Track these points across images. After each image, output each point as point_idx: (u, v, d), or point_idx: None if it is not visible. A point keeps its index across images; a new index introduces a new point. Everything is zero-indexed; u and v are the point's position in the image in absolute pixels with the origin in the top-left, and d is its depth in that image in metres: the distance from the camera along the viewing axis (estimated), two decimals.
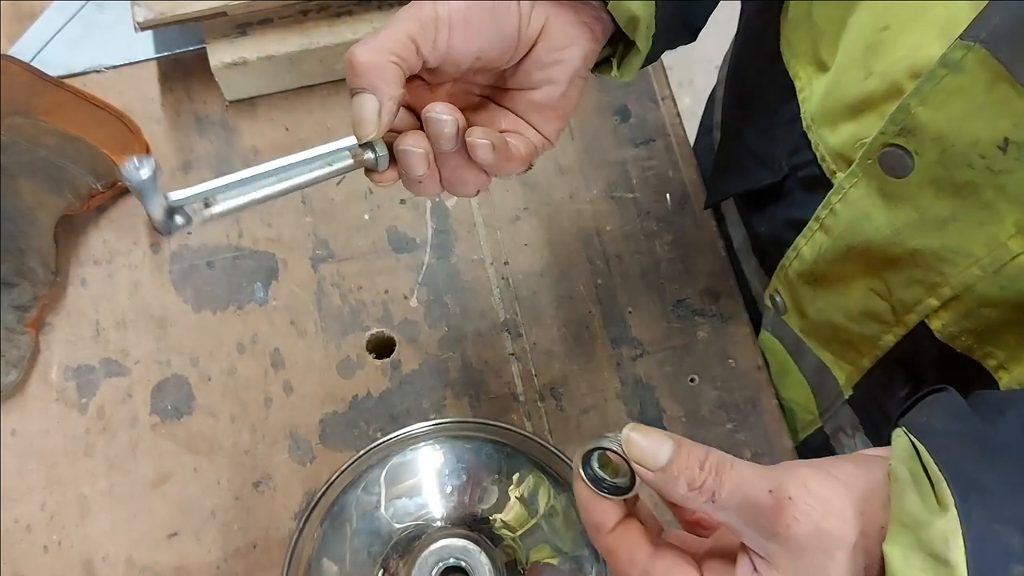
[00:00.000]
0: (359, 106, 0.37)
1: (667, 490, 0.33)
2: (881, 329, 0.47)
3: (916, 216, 0.41)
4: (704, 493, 0.33)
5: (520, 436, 0.55)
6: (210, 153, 0.64)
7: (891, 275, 0.45)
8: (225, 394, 0.58)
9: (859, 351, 0.50)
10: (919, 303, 0.44)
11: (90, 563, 0.54)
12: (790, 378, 0.59)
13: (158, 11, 0.60)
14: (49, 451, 0.56)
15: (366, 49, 0.37)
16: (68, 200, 0.59)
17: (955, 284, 0.41)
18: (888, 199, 0.42)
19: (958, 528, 0.29)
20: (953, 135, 0.38)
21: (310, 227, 0.63)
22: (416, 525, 0.49)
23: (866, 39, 0.42)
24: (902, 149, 0.40)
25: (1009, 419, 0.33)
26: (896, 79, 0.40)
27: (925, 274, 0.43)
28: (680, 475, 0.33)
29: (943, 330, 0.43)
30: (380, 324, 0.60)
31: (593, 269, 0.62)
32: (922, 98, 0.38)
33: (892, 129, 0.40)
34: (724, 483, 0.33)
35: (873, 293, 0.46)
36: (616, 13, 0.40)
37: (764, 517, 0.32)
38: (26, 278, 0.57)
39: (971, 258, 0.40)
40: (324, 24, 0.63)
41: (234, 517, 0.55)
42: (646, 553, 0.35)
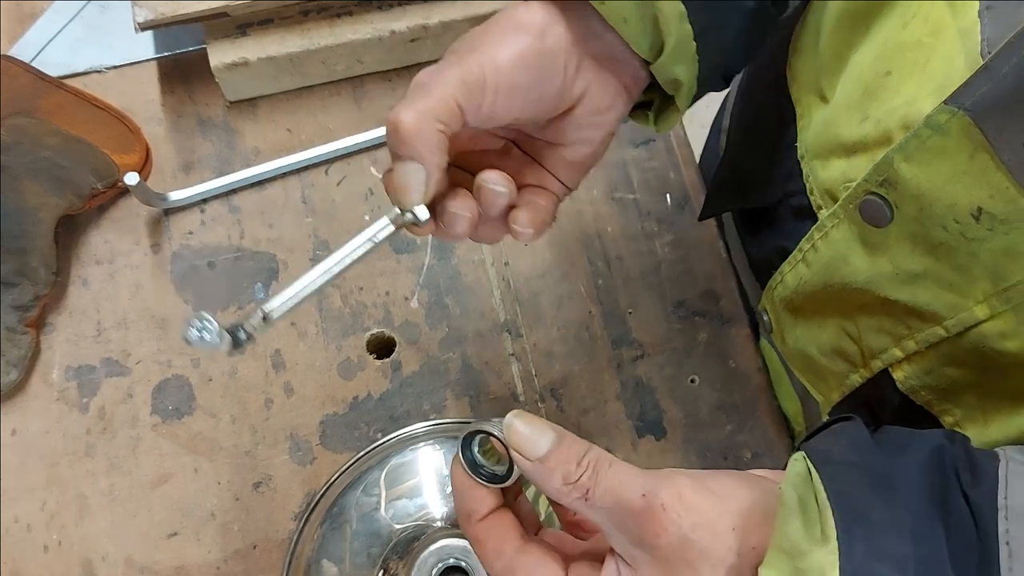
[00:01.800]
0: (405, 175, 0.36)
1: (542, 482, 0.33)
2: (849, 369, 0.47)
3: (890, 267, 0.41)
4: (578, 490, 0.32)
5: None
6: (211, 154, 0.64)
7: (862, 319, 0.45)
8: (226, 395, 0.58)
9: (829, 385, 0.50)
10: (884, 351, 0.44)
11: (90, 563, 0.54)
12: (783, 388, 0.59)
13: (159, 11, 0.60)
14: (49, 451, 0.56)
15: (412, 114, 0.36)
16: (69, 200, 0.59)
17: (919, 340, 0.41)
18: (866, 246, 0.42)
19: (836, 561, 0.29)
20: (932, 195, 0.37)
21: (311, 228, 0.63)
22: (416, 526, 0.49)
23: (866, 81, 0.42)
24: (883, 200, 0.40)
25: (908, 457, 0.32)
26: (889, 128, 0.40)
27: (893, 325, 0.42)
28: (556, 468, 0.32)
29: (904, 382, 0.43)
30: (381, 325, 0.60)
31: (593, 270, 0.62)
32: (906, 154, 0.38)
33: (875, 179, 0.40)
34: (599, 482, 0.32)
35: (844, 333, 0.46)
36: (659, 75, 0.40)
37: (634, 522, 0.31)
38: (27, 278, 0.57)
39: (938, 318, 0.40)
40: (325, 25, 0.63)
41: (234, 518, 0.55)
42: (513, 546, 0.34)
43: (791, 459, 0.33)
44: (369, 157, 0.65)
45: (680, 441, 0.58)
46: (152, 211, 0.62)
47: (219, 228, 0.62)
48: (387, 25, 0.63)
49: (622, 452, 0.58)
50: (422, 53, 0.66)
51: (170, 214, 0.62)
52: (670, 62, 0.39)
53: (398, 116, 0.36)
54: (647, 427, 0.58)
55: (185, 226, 0.62)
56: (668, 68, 0.39)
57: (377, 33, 0.63)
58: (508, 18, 0.38)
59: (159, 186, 0.62)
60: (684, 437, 0.58)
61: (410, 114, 0.36)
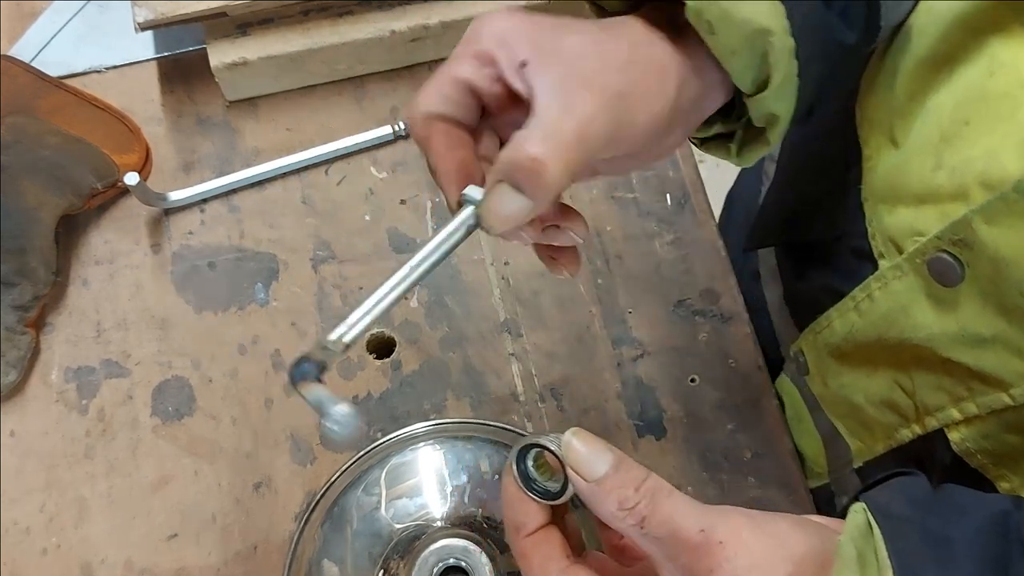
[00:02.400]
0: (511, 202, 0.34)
1: (597, 505, 0.32)
2: (899, 422, 0.46)
3: (956, 327, 0.39)
4: (634, 516, 0.32)
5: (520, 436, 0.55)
6: (212, 154, 0.64)
7: (919, 374, 0.43)
8: (226, 396, 0.58)
9: (874, 435, 0.48)
10: (941, 410, 0.42)
11: (89, 566, 0.54)
12: (804, 427, 0.57)
13: (158, 11, 0.60)
14: (48, 452, 0.56)
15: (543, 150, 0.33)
16: (69, 200, 0.59)
17: (981, 404, 0.40)
18: (931, 303, 0.40)
19: None
20: (1012, 260, 0.36)
21: (311, 228, 0.63)
22: (416, 525, 0.49)
23: (943, 128, 0.40)
24: (955, 258, 0.38)
25: (970, 520, 0.32)
26: (965, 182, 0.38)
27: (953, 385, 0.41)
28: (613, 492, 0.32)
29: (960, 444, 0.42)
30: (381, 325, 0.60)
31: (593, 269, 0.62)
32: (988, 216, 0.36)
33: (949, 237, 0.38)
34: (656, 511, 0.32)
35: (898, 386, 0.45)
36: (756, 109, 0.37)
37: (688, 555, 0.31)
38: (27, 278, 0.57)
39: (1003, 384, 0.38)
40: (325, 24, 0.63)
41: (234, 520, 0.55)
42: (558, 566, 0.34)
43: (851, 509, 0.32)
44: (370, 157, 0.65)
45: (680, 441, 0.58)
46: (152, 211, 0.62)
47: (219, 228, 0.62)
48: (388, 25, 0.63)
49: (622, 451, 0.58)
50: (423, 53, 0.66)
51: (170, 214, 0.62)
52: (773, 98, 0.37)
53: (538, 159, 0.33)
54: (647, 427, 0.58)
55: (185, 226, 0.62)
56: (768, 104, 0.37)
57: (378, 33, 0.63)
58: (650, 59, 0.35)
59: (159, 186, 0.62)
60: (684, 437, 0.58)
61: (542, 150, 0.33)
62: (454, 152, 0.37)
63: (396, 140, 0.65)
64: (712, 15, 0.34)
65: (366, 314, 0.36)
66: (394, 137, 0.64)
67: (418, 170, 0.64)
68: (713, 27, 0.34)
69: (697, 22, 0.35)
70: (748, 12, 0.34)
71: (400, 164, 0.65)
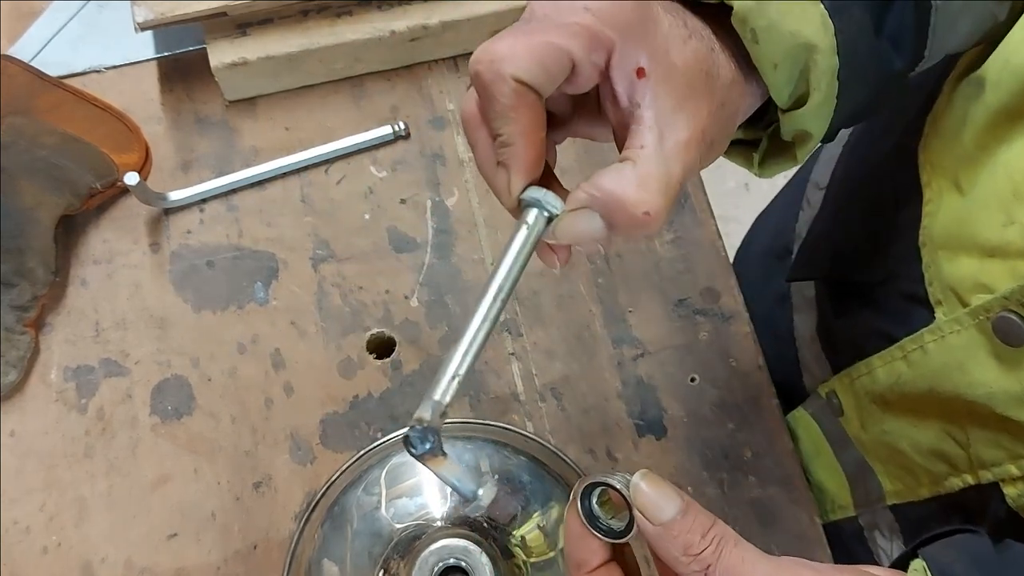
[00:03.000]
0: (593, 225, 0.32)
1: (663, 548, 0.32)
2: (950, 471, 0.44)
3: (1018, 388, 0.38)
4: (699, 563, 0.31)
5: (521, 437, 0.55)
6: (210, 153, 0.64)
7: (974, 429, 0.42)
8: (225, 395, 0.58)
9: (919, 481, 0.47)
10: (998, 465, 0.41)
11: (89, 565, 0.54)
12: (823, 461, 0.56)
13: (158, 11, 0.60)
14: (48, 452, 0.56)
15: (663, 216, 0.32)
16: (68, 200, 0.59)
17: None
18: (993, 361, 0.40)
19: None
20: None
21: (310, 227, 0.63)
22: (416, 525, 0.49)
23: (1016, 183, 0.39)
24: (1022, 319, 0.37)
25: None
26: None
27: (1012, 442, 0.40)
28: (680, 537, 0.32)
29: (1017, 499, 0.41)
30: (381, 324, 0.60)
31: (594, 269, 0.62)
32: None
33: (1018, 298, 0.37)
34: (722, 559, 0.31)
35: (949, 437, 0.44)
36: (789, 124, 0.36)
37: None
38: (26, 278, 0.57)
39: None
40: (324, 24, 0.63)
41: (234, 518, 0.55)
42: None
43: (912, 566, 0.32)
44: (369, 156, 0.65)
45: (681, 440, 0.58)
46: (151, 211, 0.62)
47: (218, 227, 0.62)
48: (387, 25, 0.63)
49: (623, 451, 0.58)
50: (422, 53, 0.66)
51: (169, 214, 0.62)
52: (809, 116, 0.35)
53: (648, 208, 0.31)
54: (648, 426, 0.58)
55: (184, 225, 0.62)
56: (803, 121, 0.35)
57: (377, 33, 0.63)
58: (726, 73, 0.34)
59: (158, 185, 0.62)
60: (685, 436, 0.58)
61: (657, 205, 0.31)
62: (539, 135, 0.32)
63: (396, 140, 0.65)
64: (758, 24, 0.32)
65: (463, 359, 0.33)
66: (394, 137, 0.64)
67: (418, 169, 0.64)
68: (757, 36, 0.32)
69: (742, 29, 0.33)
70: (796, 25, 0.33)
71: (400, 163, 0.65)
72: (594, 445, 0.57)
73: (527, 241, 0.34)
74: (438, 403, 0.33)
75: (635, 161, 0.31)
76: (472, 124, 0.34)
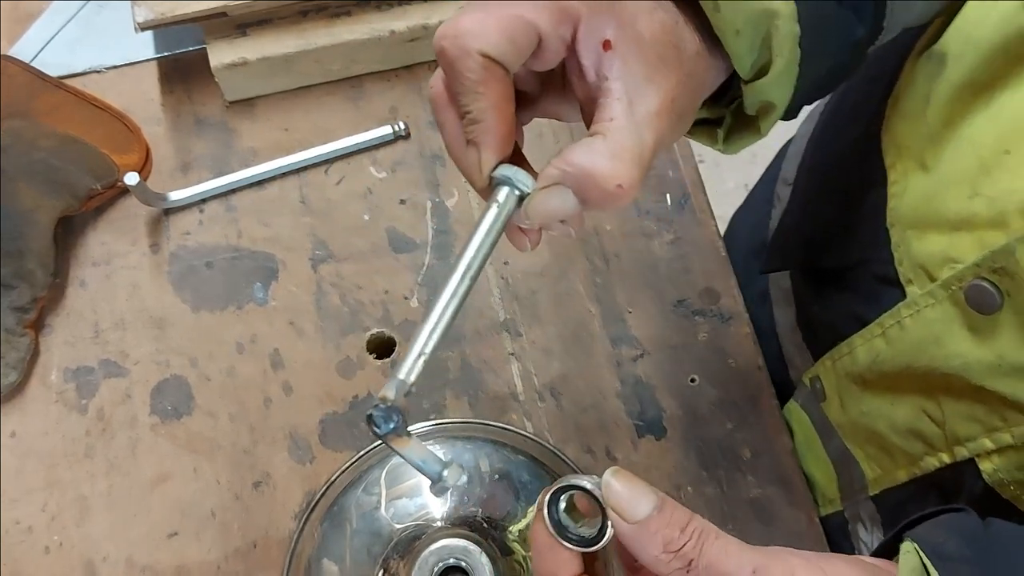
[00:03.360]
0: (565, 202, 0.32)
1: (641, 547, 0.31)
2: (926, 450, 0.44)
3: (992, 357, 0.39)
4: (680, 559, 0.30)
5: (520, 436, 0.55)
6: (209, 154, 0.64)
7: (949, 403, 0.42)
8: (224, 394, 0.58)
9: (896, 463, 0.47)
10: (973, 440, 0.41)
11: (91, 564, 0.54)
12: (814, 454, 0.56)
13: (158, 11, 0.60)
14: (49, 452, 0.56)
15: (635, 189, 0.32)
16: (67, 201, 0.59)
17: (1017, 434, 0.39)
18: (967, 331, 0.39)
19: None
20: None
21: (309, 227, 0.63)
22: (416, 525, 0.49)
23: (981, 157, 0.39)
24: (994, 286, 0.37)
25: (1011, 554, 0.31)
26: (1005, 210, 0.38)
27: (987, 415, 0.40)
28: (658, 533, 0.30)
29: (993, 474, 0.41)
30: (380, 324, 0.60)
31: (592, 268, 0.62)
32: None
33: (989, 265, 0.37)
34: (704, 553, 0.30)
35: (925, 414, 0.44)
36: (752, 96, 0.35)
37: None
38: (25, 280, 0.57)
39: None
40: (323, 25, 0.63)
41: (234, 517, 0.55)
42: None
43: (902, 548, 0.31)
44: (369, 157, 0.65)
45: (680, 440, 0.58)
46: (151, 211, 0.62)
47: (217, 228, 0.62)
48: (386, 25, 0.63)
49: (622, 451, 0.58)
50: (421, 53, 0.66)
51: (169, 214, 0.62)
52: (771, 85, 0.35)
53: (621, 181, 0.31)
54: (647, 426, 0.58)
55: (183, 226, 0.62)
56: (766, 91, 0.35)
57: (376, 33, 0.63)
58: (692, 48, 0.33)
59: (157, 186, 0.62)
60: (684, 436, 0.58)
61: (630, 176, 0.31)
62: (508, 110, 0.32)
63: (395, 140, 0.65)
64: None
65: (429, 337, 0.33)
66: (394, 137, 0.65)
67: (417, 169, 0.64)
68: (719, 4, 0.32)
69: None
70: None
71: (399, 164, 0.65)
72: (593, 444, 0.57)
73: (497, 219, 0.33)
74: (402, 382, 0.32)
75: (605, 134, 0.31)
76: (439, 103, 0.33)
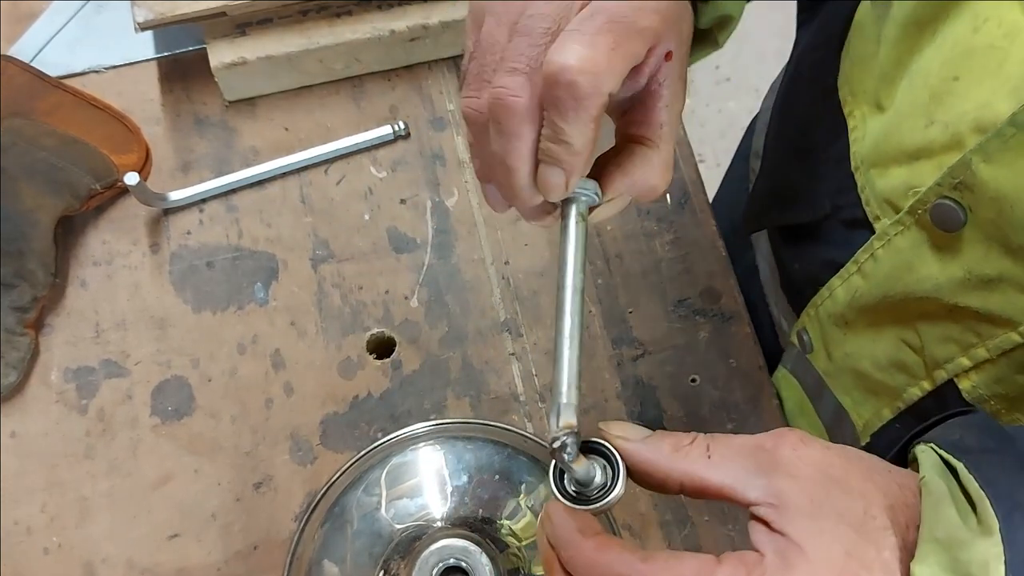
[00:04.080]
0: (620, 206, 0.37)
1: (653, 457, 0.32)
2: (908, 381, 0.45)
3: (962, 273, 0.39)
4: (697, 447, 0.31)
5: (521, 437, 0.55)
6: (210, 153, 0.64)
7: (926, 328, 0.43)
8: (226, 395, 0.58)
9: (881, 400, 0.48)
10: (951, 360, 0.42)
11: (90, 565, 0.54)
12: (806, 419, 0.57)
13: (158, 11, 0.60)
14: (49, 453, 0.56)
15: None
16: (67, 201, 0.59)
17: (991, 347, 0.40)
18: (935, 252, 0.40)
19: (1001, 553, 0.27)
20: (1013, 196, 0.36)
21: (310, 227, 0.63)
22: (417, 525, 0.49)
23: (932, 87, 0.40)
24: (956, 203, 0.38)
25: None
26: (959, 131, 0.39)
27: (962, 332, 0.41)
28: (665, 439, 0.32)
29: (972, 391, 0.42)
30: (381, 324, 0.60)
31: (593, 269, 0.62)
32: (986, 155, 0.36)
33: (949, 182, 0.38)
34: (716, 439, 0.31)
35: (904, 344, 0.45)
36: (709, 13, 0.37)
37: (768, 455, 0.30)
38: (26, 280, 0.57)
39: (1012, 323, 0.38)
40: (324, 24, 0.63)
41: (235, 518, 0.55)
42: (640, 555, 0.30)
43: (917, 451, 0.32)
44: (369, 156, 0.65)
45: None
46: (151, 211, 0.62)
47: (217, 228, 0.62)
48: (387, 25, 0.63)
49: None
50: (422, 53, 0.66)
51: (169, 214, 0.62)
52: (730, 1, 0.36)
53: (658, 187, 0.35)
54: (648, 426, 0.58)
55: (184, 226, 0.62)
56: (724, 6, 0.36)
57: (377, 33, 0.63)
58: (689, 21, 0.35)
59: (157, 186, 0.62)
60: None
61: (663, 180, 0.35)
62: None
63: (396, 140, 0.65)
64: None
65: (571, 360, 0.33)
66: (394, 137, 0.64)
67: (418, 169, 0.64)
68: None
69: None
70: None
71: (400, 163, 0.65)
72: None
73: (581, 231, 0.35)
74: (573, 405, 0.33)
75: (658, 145, 0.34)
76: (518, 116, 0.33)
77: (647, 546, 0.55)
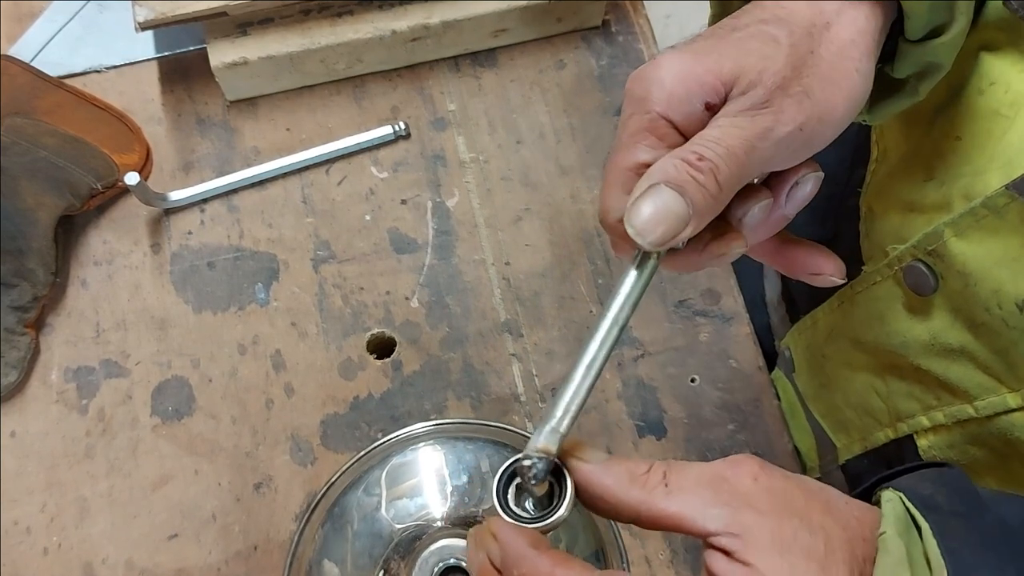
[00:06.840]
0: None
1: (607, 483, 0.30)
2: (874, 425, 0.46)
3: (927, 337, 0.40)
4: (654, 475, 0.30)
5: (521, 437, 0.55)
6: (211, 154, 0.64)
7: (893, 381, 0.44)
8: (226, 396, 0.58)
9: (850, 436, 0.49)
10: (912, 417, 0.43)
11: (90, 565, 0.54)
12: (797, 422, 0.58)
13: (159, 11, 0.60)
14: (49, 453, 0.56)
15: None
16: (68, 201, 0.59)
17: (947, 414, 0.40)
18: (907, 311, 0.41)
19: None
20: (978, 275, 0.36)
21: (311, 228, 0.62)
22: (417, 526, 0.49)
23: (937, 141, 0.40)
24: (929, 269, 0.38)
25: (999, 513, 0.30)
26: (950, 194, 0.38)
27: (923, 393, 0.42)
28: (623, 465, 0.30)
29: (927, 451, 0.43)
30: (381, 325, 0.60)
31: (594, 269, 0.62)
32: (958, 229, 0.36)
33: (923, 247, 0.38)
34: (672, 467, 0.30)
35: (873, 390, 0.45)
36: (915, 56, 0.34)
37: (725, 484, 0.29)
38: (26, 279, 0.57)
39: (968, 396, 0.39)
40: (325, 24, 0.63)
41: (235, 519, 0.55)
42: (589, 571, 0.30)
43: (884, 498, 0.31)
44: (370, 157, 0.65)
45: (681, 440, 0.58)
46: (152, 211, 0.62)
47: (219, 228, 0.62)
48: (388, 25, 0.63)
49: (623, 452, 0.58)
50: (423, 53, 0.66)
51: (170, 214, 0.62)
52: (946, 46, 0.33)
53: None
54: (648, 427, 0.58)
55: (185, 226, 0.62)
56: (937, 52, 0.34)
57: (378, 32, 0.63)
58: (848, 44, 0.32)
59: (158, 186, 0.62)
60: (685, 436, 0.58)
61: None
62: None
63: (397, 140, 0.65)
64: None
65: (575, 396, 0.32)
66: (395, 137, 0.64)
67: (418, 170, 0.64)
68: None
69: None
70: None
71: (400, 164, 0.65)
72: (594, 446, 0.57)
73: (651, 270, 0.34)
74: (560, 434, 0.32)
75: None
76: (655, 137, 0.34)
77: (647, 546, 0.55)
